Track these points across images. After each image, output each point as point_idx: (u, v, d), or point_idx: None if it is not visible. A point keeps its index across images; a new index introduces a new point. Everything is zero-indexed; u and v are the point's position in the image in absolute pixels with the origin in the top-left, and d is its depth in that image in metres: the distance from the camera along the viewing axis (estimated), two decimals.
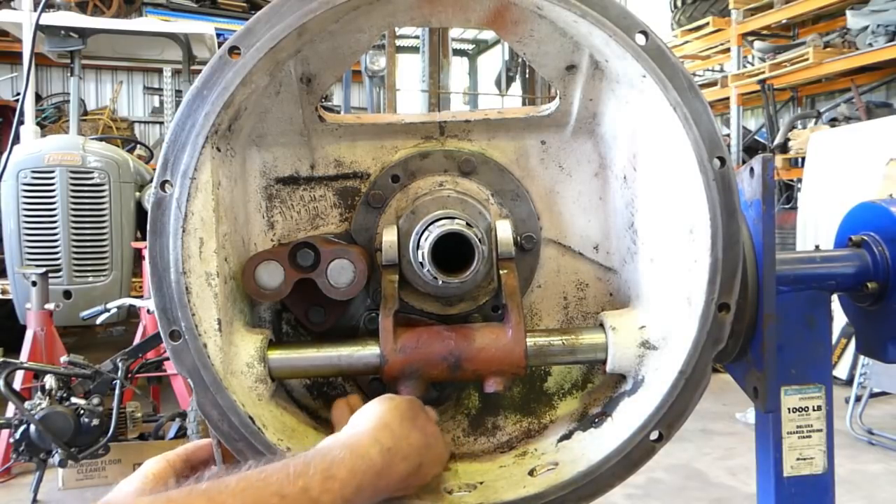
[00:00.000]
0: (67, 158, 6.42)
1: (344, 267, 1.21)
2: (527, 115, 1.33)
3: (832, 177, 7.36)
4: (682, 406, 1.15)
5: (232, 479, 0.85)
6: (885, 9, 8.72)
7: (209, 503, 0.79)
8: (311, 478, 0.88)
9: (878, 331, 1.55)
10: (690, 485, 4.86)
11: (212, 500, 0.80)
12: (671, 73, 1.12)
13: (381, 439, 1.00)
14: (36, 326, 4.94)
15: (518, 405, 1.38)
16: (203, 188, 1.11)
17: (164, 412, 5.21)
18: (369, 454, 0.97)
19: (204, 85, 1.10)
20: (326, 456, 0.93)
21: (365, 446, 0.98)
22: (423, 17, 1.23)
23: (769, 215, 1.29)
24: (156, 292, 1.11)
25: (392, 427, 1.03)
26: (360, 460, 0.95)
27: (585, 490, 1.16)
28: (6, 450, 4.63)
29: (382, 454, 0.98)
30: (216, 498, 0.80)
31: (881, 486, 4.82)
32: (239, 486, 0.83)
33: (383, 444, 1.00)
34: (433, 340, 1.18)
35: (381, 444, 0.99)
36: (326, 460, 0.92)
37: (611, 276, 1.37)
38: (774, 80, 10.14)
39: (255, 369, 1.17)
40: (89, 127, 11.40)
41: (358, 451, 0.96)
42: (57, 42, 7.07)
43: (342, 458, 0.93)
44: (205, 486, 0.82)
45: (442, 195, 1.27)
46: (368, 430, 1.02)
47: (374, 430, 1.02)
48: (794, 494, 1.47)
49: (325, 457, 0.93)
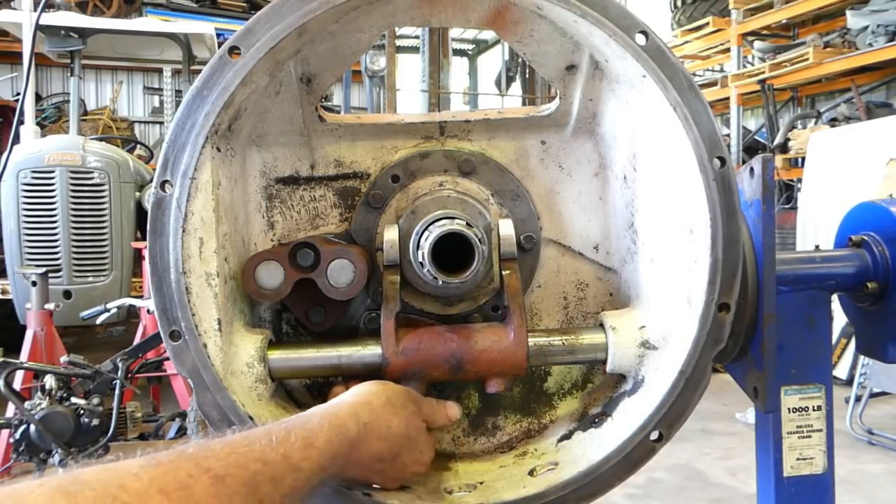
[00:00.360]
0: (67, 158, 6.42)
1: (344, 267, 1.21)
2: (527, 115, 1.33)
3: (832, 177, 7.36)
4: (682, 406, 1.15)
5: (217, 444, 0.88)
6: (885, 9, 8.72)
7: (196, 467, 0.82)
8: (292, 445, 0.92)
9: (878, 331, 1.55)
10: (690, 485, 4.86)
11: (198, 464, 0.83)
12: (671, 73, 1.12)
13: (359, 412, 1.04)
14: (36, 326, 4.94)
15: (518, 405, 1.38)
16: (203, 188, 1.11)
17: (164, 412, 5.20)
18: (346, 424, 1.01)
19: (204, 85, 1.10)
20: (306, 424, 0.97)
21: (342, 417, 1.02)
22: (423, 17, 1.23)
23: (769, 215, 1.29)
24: (156, 292, 1.11)
25: (373, 405, 1.07)
26: (337, 430, 0.99)
27: (585, 490, 1.16)
28: (6, 450, 4.63)
29: (358, 426, 1.03)
30: (202, 462, 0.83)
31: (881, 486, 4.82)
32: (224, 451, 0.87)
33: (360, 418, 1.04)
34: (435, 342, 1.18)
35: (358, 416, 1.04)
36: (306, 428, 0.96)
37: (611, 276, 1.37)
38: (774, 80, 10.14)
39: (255, 369, 1.17)
40: (89, 127, 11.40)
41: (335, 422, 1.00)
42: (57, 42, 7.07)
43: (321, 427, 0.98)
44: (192, 451, 0.85)
45: (442, 195, 1.27)
46: (349, 403, 1.06)
47: (354, 404, 1.06)
48: (794, 494, 1.47)
49: (304, 425, 0.97)
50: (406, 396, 1.14)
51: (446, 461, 1.32)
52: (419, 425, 1.14)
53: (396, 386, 1.15)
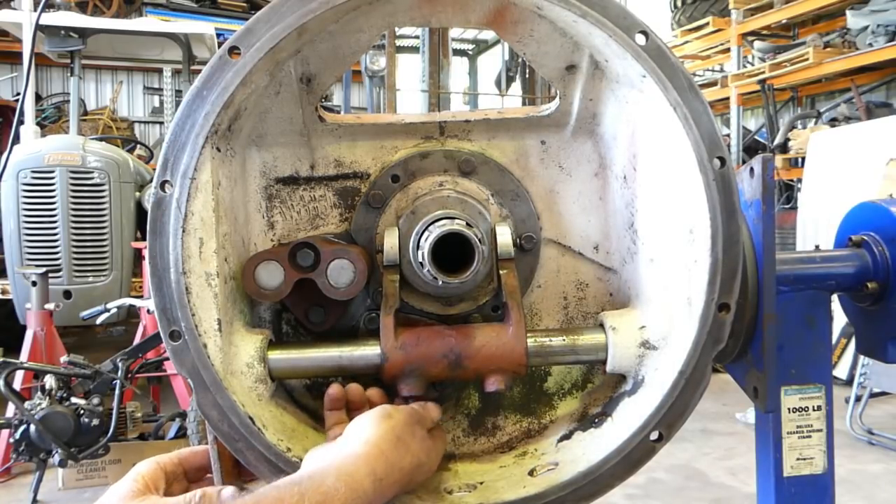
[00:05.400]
0: (67, 158, 6.43)
1: (344, 267, 1.21)
2: (527, 115, 1.33)
3: (832, 177, 7.37)
4: (682, 406, 1.15)
5: None
6: (885, 9, 8.72)
7: None
8: None
9: (878, 331, 1.55)
10: (690, 485, 4.86)
11: None
12: (671, 73, 1.12)
13: (375, 469, 0.99)
14: (36, 326, 4.94)
15: (518, 405, 1.38)
16: (203, 188, 1.11)
17: (164, 412, 5.21)
18: (363, 486, 0.96)
19: (204, 85, 1.10)
20: (320, 487, 0.93)
21: (359, 478, 0.97)
22: (423, 17, 1.23)
23: (769, 215, 1.29)
24: (156, 292, 1.11)
25: (387, 455, 1.02)
26: (354, 493, 0.95)
27: (585, 490, 1.16)
28: (6, 450, 4.63)
29: (374, 484, 0.98)
30: None
31: (881, 486, 4.82)
32: None
33: (377, 475, 0.99)
34: (433, 338, 1.18)
35: (375, 475, 0.99)
36: (321, 492, 0.92)
37: (611, 276, 1.37)
38: (774, 80, 10.14)
39: (255, 369, 1.17)
40: (89, 127, 11.41)
41: (351, 484, 0.95)
42: (57, 42, 7.08)
43: (336, 490, 0.93)
44: None
45: (442, 195, 1.27)
46: (363, 456, 1.00)
47: (369, 458, 1.00)
48: (794, 494, 1.47)
49: (318, 488, 0.93)
50: (411, 421, 1.10)
51: (446, 461, 1.32)
52: (428, 447, 1.11)
53: (400, 413, 1.11)
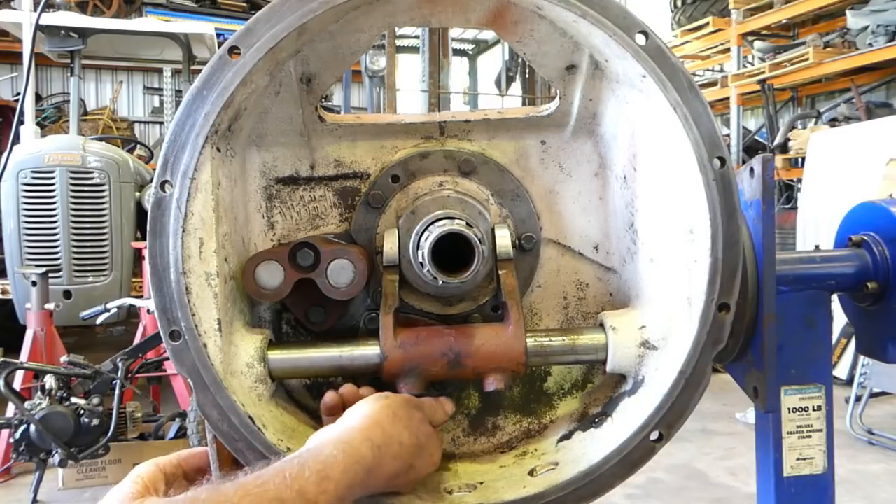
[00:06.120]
0: (67, 158, 6.43)
1: (344, 267, 1.21)
2: (527, 115, 1.33)
3: (832, 177, 7.36)
4: (682, 406, 1.15)
5: (229, 487, 0.87)
6: (885, 9, 8.72)
7: None
8: (307, 480, 0.91)
9: (878, 331, 1.55)
10: (690, 485, 4.86)
11: None
12: (671, 73, 1.12)
13: (372, 436, 1.02)
14: (36, 326, 4.94)
15: (518, 405, 1.38)
16: (203, 188, 1.11)
17: (164, 412, 5.21)
18: (360, 452, 0.99)
19: (204, 85, 1.10)
20: (319, 456, 0.95)
21: (356, 444, 1.00)
22: (423, 17, 1.23)
23: (769, 215, 1.29)
24: (156, 292, 1.11)
25: (384, 426, 1.05)
26: (352, 458, 0.97)
27: (585, 490, 1.16)
28: (6, 450, 4.63)
29: (373, 451, 1.01)
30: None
31: (881, 486, 4.82)
32: (237, 495, 0.85)
33: (374, 442, 1.02)
34: (433, 337, 1.18)
35: (371, 441, 1.01)
36: (320, 461, 0.94)
37: (611, 276, 1.37)
38: (774, 80, 10.14)
39: (255, 369, 1.17)
40: (89, 127, 11.40)
41: (349, 451, 0.98)
42: (57, 42, 7.08)
43: (335, 457, 0.96)
44: (204, 497, 0.83)
45: (442, 195, 1.27)
46: (360, 427, 1.04)
47: (365, 427, 1.03)
48: (794, 494, 1.47)
49: (317, 457, 0.95)
50: (409, 404, 1.13)
51: (446, 461, 1.32)
52: (428, 431, 1.13)
53: (397, 396, 1.14)
